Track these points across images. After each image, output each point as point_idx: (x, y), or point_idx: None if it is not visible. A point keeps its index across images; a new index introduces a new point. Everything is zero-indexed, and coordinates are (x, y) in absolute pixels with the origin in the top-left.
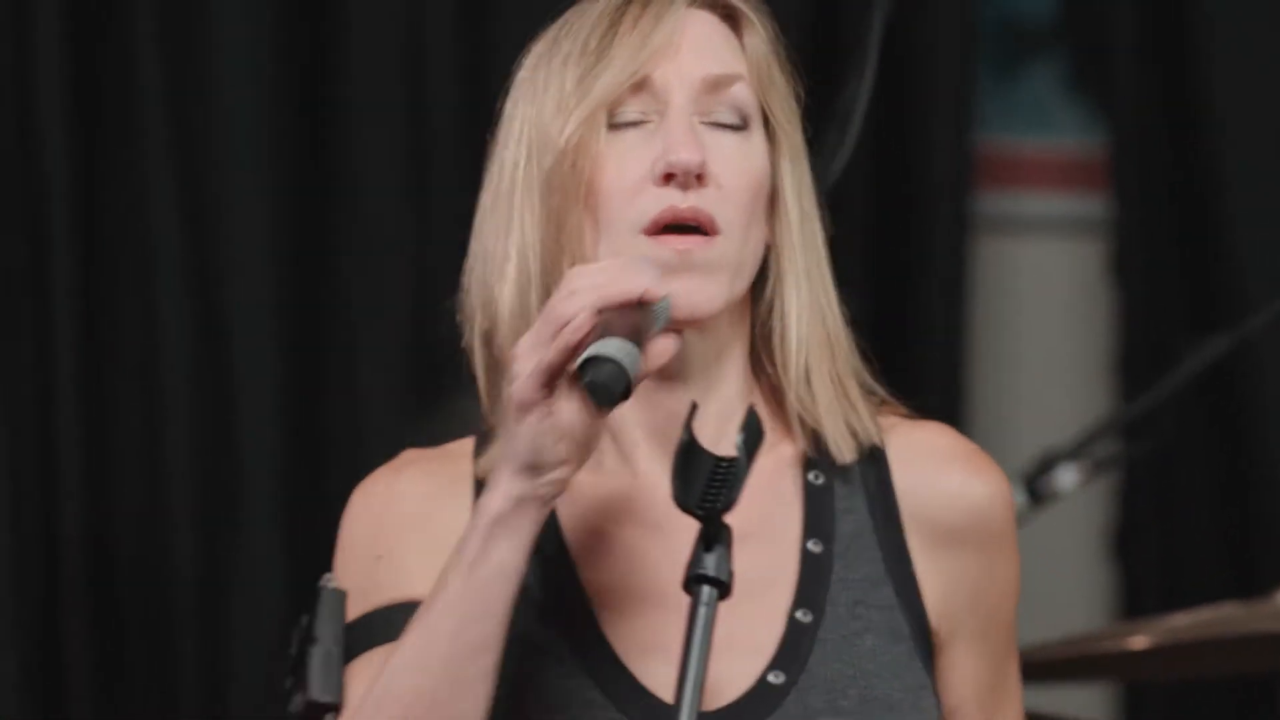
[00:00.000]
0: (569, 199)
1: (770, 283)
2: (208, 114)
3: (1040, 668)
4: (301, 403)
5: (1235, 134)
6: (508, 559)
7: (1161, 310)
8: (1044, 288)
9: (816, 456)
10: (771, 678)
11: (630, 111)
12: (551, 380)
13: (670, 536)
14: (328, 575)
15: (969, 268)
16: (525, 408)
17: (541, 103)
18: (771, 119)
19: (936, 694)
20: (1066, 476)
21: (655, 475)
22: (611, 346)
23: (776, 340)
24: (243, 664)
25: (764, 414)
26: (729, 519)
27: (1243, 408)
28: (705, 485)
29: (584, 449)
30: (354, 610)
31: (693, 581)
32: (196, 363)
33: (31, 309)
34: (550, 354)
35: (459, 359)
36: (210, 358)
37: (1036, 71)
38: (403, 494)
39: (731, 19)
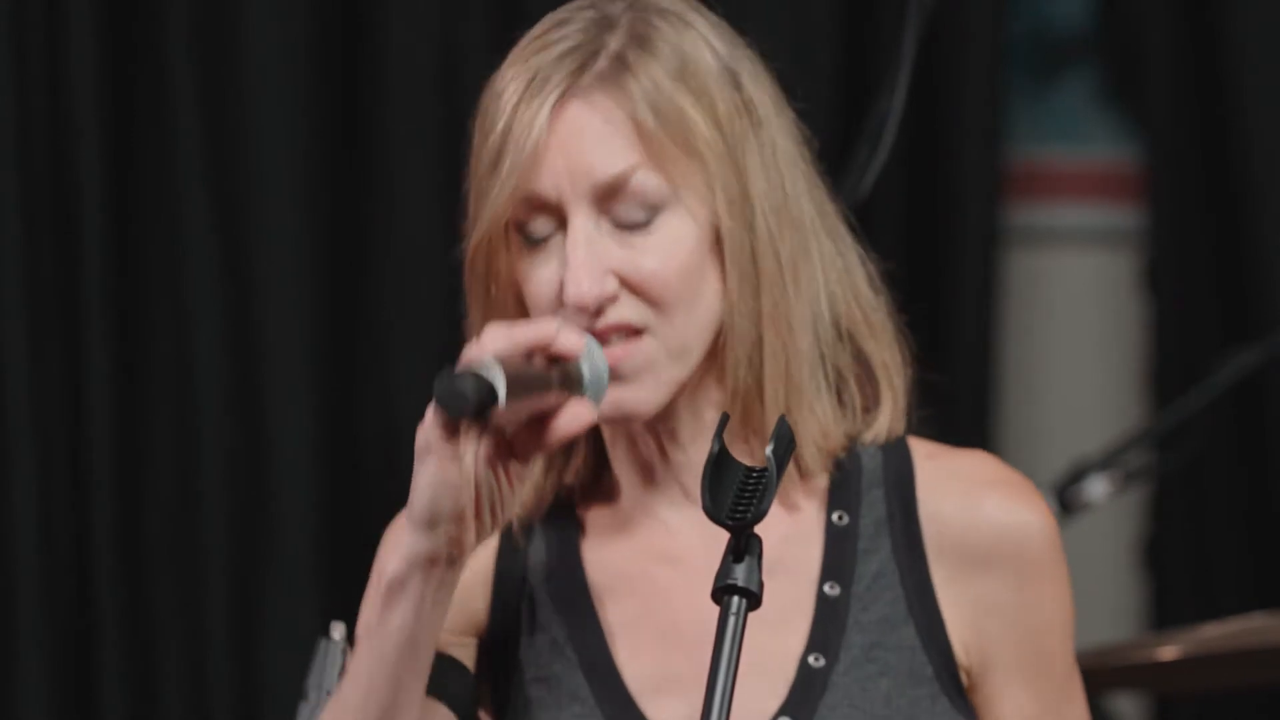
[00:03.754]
0: (499, 294)
1: (728, 332)
2: (241, 126)
3: None
4: (335, 410)
5: (1269, 146)
6: (406, 623)
7: (1193, 322)
8: (1075, 300)
9: (840, 489)
10: None
11: (538, 227)
12: (451, 425)
13: (689, 576)
14: (334, 624)
15: (1000, 279)
16: (423, 452)
17: (474, 172)
18: (682, 187)
19: None
20: (1097, 487)
21: (674, 518)
22: (478, 364)
23: (755, 385)
24: (275, 675)
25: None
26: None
27: (1274, 420)
28: (735, 496)
29: (491, 509)
30: None
31: (722, 592)
32: (229, 372)
33: (63, 318)
34: None
35: None
36: (243, 367)
37: (1069, 83)
38: None
39: (615, 90)
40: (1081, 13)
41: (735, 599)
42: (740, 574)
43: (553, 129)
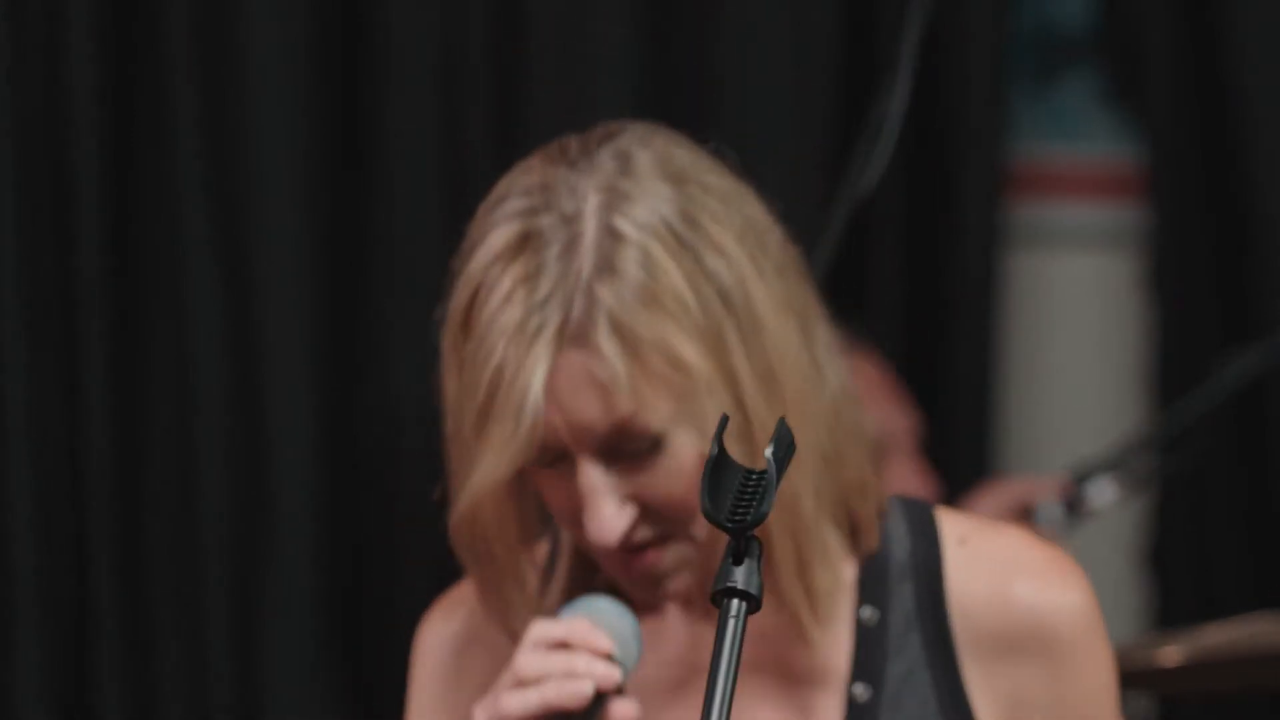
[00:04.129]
0: (488, 551)
1: None
2: (241, 125)
3: None
4: (335, 410)
5: (1272, 146)
6: None
7: (1196, 323)
8: (1077, 300)
9: (868, 583)
10: None
11: (545, 458)
12: None
13: (696, 673)
14: None
15: (1001, 279)
16: None
17: (455, 398)
18: (674, 419)
19: None
20: (1103, 493)
21: (702, 631)
22: None
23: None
24: (274, 674)
25: None
26: (778, 643)
27: (1276, 421)
28: (735, 498)
29: None
30: None
31: (721, 595)
32: (229, 371)
33: (62, 316)
34: None
35: None
36: (243, 366)
37: (1071, 82)
38: (447, 645)
39: (597, 339)
40: (1083, 12)
41: (735, 601)
42: (740, 576)
43: (546, 386)
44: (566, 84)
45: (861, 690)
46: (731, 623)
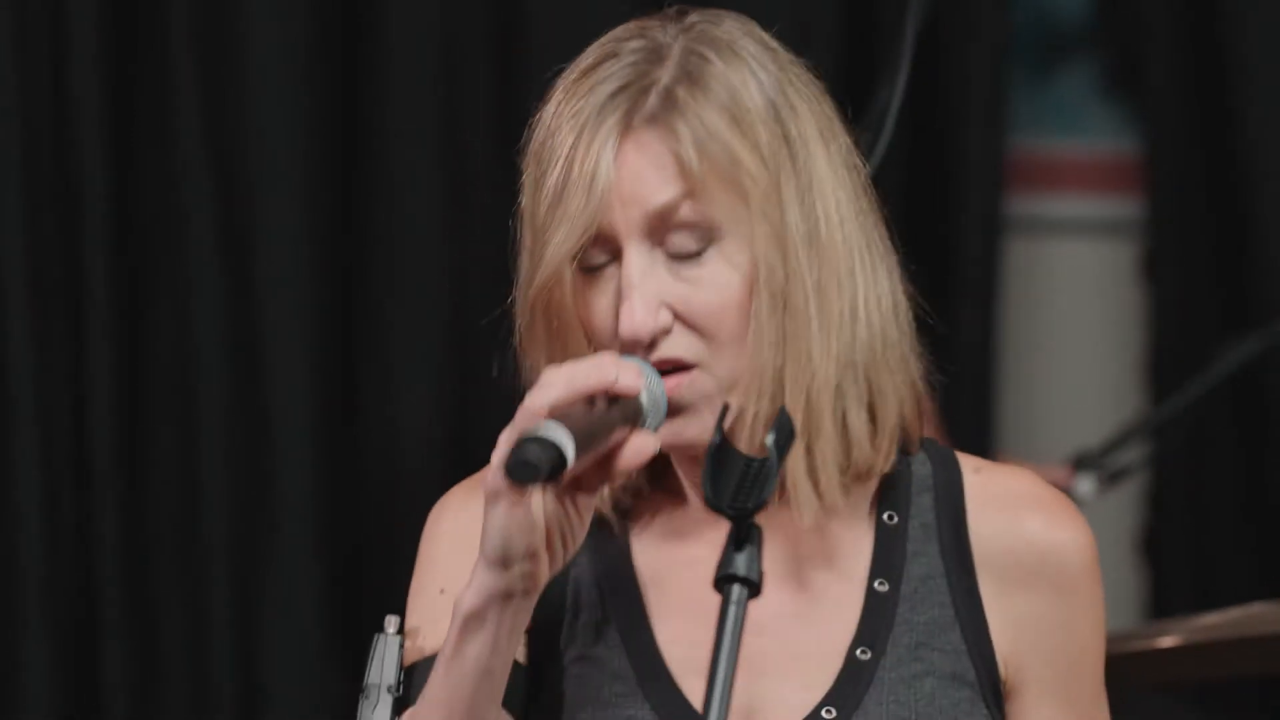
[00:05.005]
0: (560, 328)
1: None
2: (242, 124)
3: None
4: (336, 407)
5: (1269, 136)
6: (483, 655)
7: (1193, 312)
8: (1076, 289)
9: (890, 490)
10: (824, 713)
11: (593, 256)
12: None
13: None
14: (389, 618)
15: (1001, 269)
16: (494, 496)
17: (531, 209)
18: (726, 222)
19: None
20: (1084, 484)
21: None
22: (545, 428)
23: (773, 413)
24: (276, 669)
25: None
26: (798, 535)
27: (1274, 409)
28: (736, 485)
29: (563, 541)
30: (426, 641)
31: (723, 581)
32: (231, 368)
33: (66, 312)
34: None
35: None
36: (245, 364)
37: (1070, 74)
38: (471, 520)
39: (662, 126)
40: (1082, 5)
41: (736, 588)
42: (741, 563)
43: (611, 165)
44: None
45: (881, 584)
46: (733, 609)
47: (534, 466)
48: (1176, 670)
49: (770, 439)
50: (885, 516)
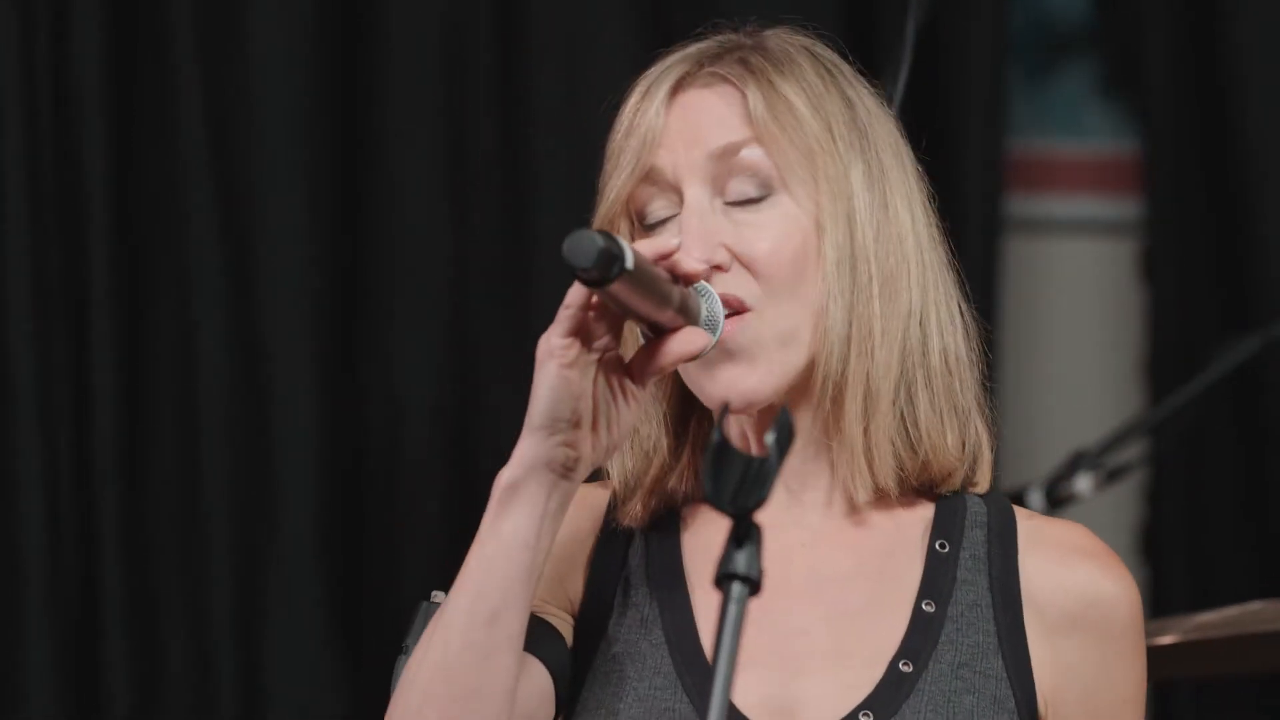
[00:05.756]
0: None
1: (821, 319)
2: (245, 113)
3: None
4: (339, 399)
5: (1268, 136)
6: (521, 528)
7: (1192, 311)
8: (1075, 289)
9: (944, 520)
10: (862, 716)
11: (657, 210)
12: (575, 330)
13: (782, 568)
14: (435, 592)
15: (1000, 268)
16: (544, 358)
17: (602, 177)
18: (787, 172)
19: None
20: (1083, 481)
21: (775, 516)
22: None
23: (840, 382)
24: (278, 660)
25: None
26: (850, 550)
27: (1272, 407)
28: (737, 484)
29: (607, 424)
30: None
31: (723, 579)
32: (234, 362)
33: (67, 304)
34: (573, 295)
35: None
36: (247, 357)
37: (1069, 74)
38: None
39: (732, 79)
40: (1081, 5)
41: (736, 585)
42: (741, 562)
43: (671, 112)
44: (568, 74)
45: (928, 605)
46: (733, 607)
47: (594, 245)
48: (1174, 668)
49: (771, 438)
50: (938, 545)
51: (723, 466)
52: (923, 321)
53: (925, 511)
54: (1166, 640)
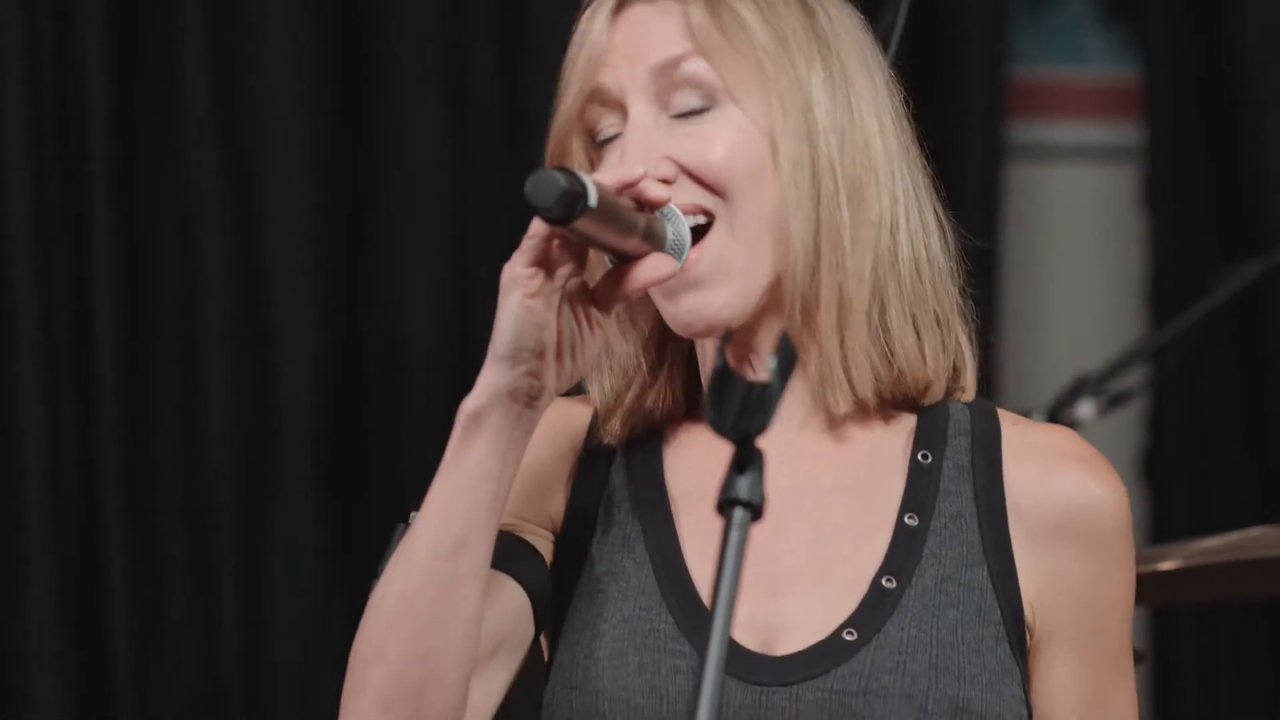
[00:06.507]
0: None
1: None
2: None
3: None
4: (339, 337)
5: (1268, 61)
6: (485, 457)
7: (1193, 237)
8: (1076, 215)
9: (926, 430)
10: (845, 634)
11: (606, 128)
12: (539, 260)
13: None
14: (412, 514)
15: (1001, 195)
16: (508, 286)
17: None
18: (734, 83)
19: (1025, 689)
20: (1085, 407)
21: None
22: (570, 171)
23: (812, 296)
24: (279, 615)
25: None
26: (830, 465)
27: (1273, 333)
28: (739, 409)
29: (571, 353)
30: None
31: (725, 505)
32: (234, 301)
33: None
34: (536, 226)
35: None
36: (249, 296)
37: (1070, 2)
38: (555, 416)
39: None
40: None
41: (739, 511)
42: (744, 487)
43: (615, 30)
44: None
45: (911, 518)
46: (735, 533)
47: (556, 184)
48: (1176, 593)
49: (772, 364)
50: (920, 455)
51: (724, 392)
52: (893, 229)
53: (907, 423)
54: (1168, 565)
